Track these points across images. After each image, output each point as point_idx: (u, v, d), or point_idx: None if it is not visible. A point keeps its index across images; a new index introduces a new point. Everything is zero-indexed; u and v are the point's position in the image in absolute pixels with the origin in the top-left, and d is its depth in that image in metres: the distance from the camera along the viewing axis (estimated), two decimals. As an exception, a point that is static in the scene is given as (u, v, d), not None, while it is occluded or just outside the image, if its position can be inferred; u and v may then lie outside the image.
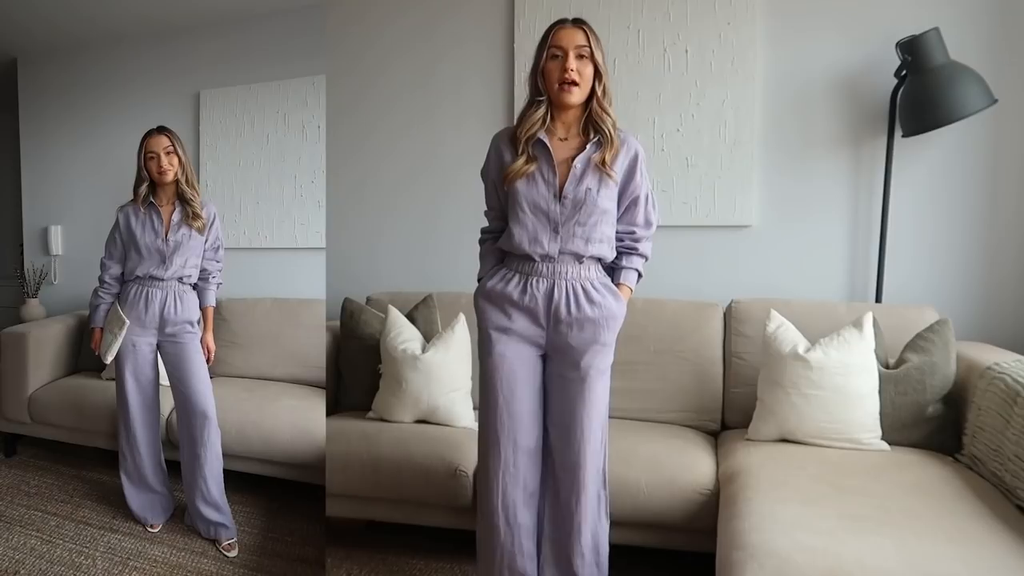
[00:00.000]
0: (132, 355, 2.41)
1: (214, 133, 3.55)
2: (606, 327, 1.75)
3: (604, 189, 1.73)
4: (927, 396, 2.12)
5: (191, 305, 2.45)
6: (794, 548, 1.43)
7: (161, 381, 2.51)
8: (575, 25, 1.72)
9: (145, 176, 2.41)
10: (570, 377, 1.75)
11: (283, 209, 3.46)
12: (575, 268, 1.74)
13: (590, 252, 1.74)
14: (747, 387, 2.42)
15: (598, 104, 1.73)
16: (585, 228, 1.72)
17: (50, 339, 3.17)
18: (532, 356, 1.79)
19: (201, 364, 2.43)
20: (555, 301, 1.73)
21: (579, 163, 1.72)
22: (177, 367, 2.41)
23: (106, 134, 3.76)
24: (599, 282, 1.77)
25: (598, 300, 1.75)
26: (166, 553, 2.32)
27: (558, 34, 1.71)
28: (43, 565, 2.22)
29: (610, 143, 1.72)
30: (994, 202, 2.55)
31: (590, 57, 1.71)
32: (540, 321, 1.75)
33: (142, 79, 3.68)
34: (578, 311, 1.73)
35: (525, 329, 1.76)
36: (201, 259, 2.49)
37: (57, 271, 3.96)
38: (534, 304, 1.74)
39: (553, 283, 1.74)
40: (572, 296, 1.73)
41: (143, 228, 2.40)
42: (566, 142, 1.76)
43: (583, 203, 1.70)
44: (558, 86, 1.69)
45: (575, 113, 1.76)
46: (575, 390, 1.74)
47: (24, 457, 3.14)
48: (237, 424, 2.61)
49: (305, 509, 2.60)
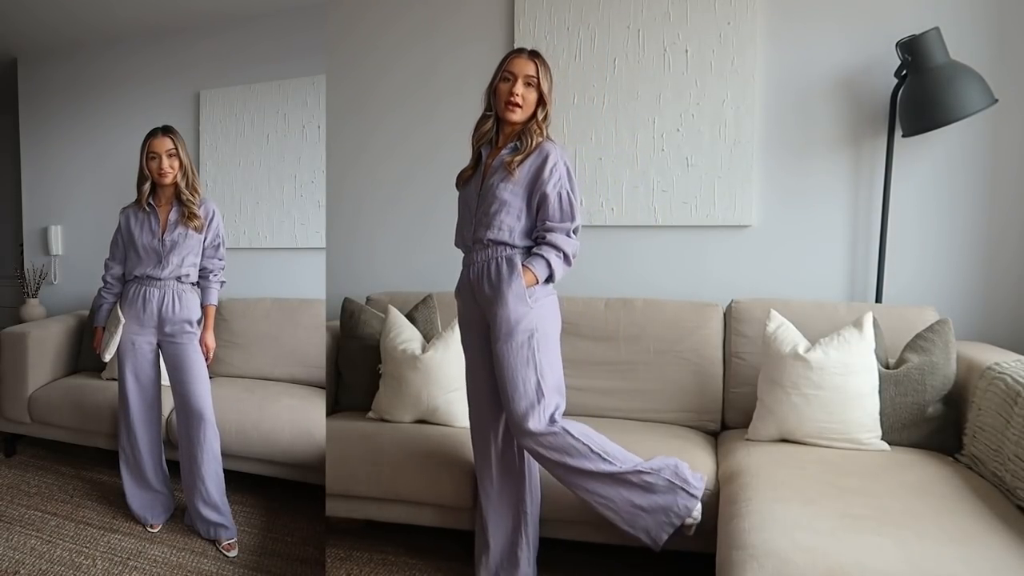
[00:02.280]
0: (132, 354, 2.42)
1: (214, 133, 3.55)
2: (503, 298, 1.91)
3: (505, 183, 1.94)
4: (927, 396, 2.12)
5: (190, 304, 2.45)
6: (794, 548, 1.43)
7: (163, 381, 2.51)
8: (530, 56, 1.97)
9: (147, 175, 2.42)
10: (496, 345, 1.92)
11: (283, 209, 3.46)
12: (484, 252, 1.97)
13: (492, 236, 1.94)
14: (747, 387, 2.42)
15: (535, 123, 1.97)
16: (488, 216, 1.95)
17: (50, 339, 3.17)
18: (482, 341, 2.01)
19: (200, 365, 2.43)
20: (475, 281, 1.98)
21: (495, 163, 1.98)
22: (175, 367, 2.41)
23: (106, 134, 3.77)
24: (504, 256, 1.95)
25: (496, 271, 1.94)
26: (166, 553, 2.33)
27: (513, 62, 1.96)
28: (43, 565, 2.22)
29: (524, 149, 1.94)
30: (994, 202, 2.54)
31: (536, 86, 1.95)
32: (472, 304, 2.01)
33: (142, 79, 3.68)
34: (489, 286, 1.94)
35: (469, 315, 2.03)
36: (200, 257, 2.49)
37: (57, 271, 3.96)
38: (469, 291, 2.01)
39: (474, 267, 1.99)
40: (485, 275, 1.96)
41: (141, 229, 2.42)
42: (501, 149, 2.00)
43: (488, 194, 1.96)
44: (504, 105, 1.94)
45: (517, 129, 1.99)
46: (500, 352, 1.91)
47: (24, 457, 3.14)
48: (237, 424, 2.61)
49: (305, 509, 2.60)
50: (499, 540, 2.05)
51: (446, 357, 2.47)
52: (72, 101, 3.86)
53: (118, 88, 3.74)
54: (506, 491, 2.04)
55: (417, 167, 3.15)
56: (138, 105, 3.64)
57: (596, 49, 2.88)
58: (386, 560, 2.30)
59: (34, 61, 3.96)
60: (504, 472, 2.04)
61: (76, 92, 3.85)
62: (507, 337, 1.89)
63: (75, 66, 3.85)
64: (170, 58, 3.63)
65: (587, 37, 2.89)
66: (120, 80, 3.74)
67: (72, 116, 3.87)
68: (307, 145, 3.40)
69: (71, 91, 3.87)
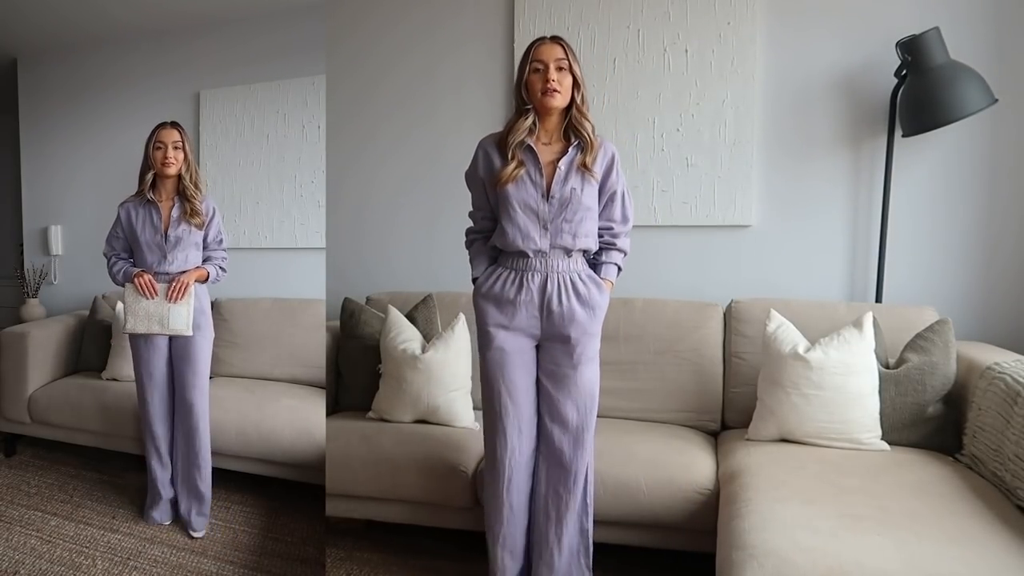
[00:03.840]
0: (145, 348, 2.45)
1: (214, 133, 3.55)
2: (593, 316, 1.91)
3: (587, 187, 1.88)
4: (927, 396, 2.12)
5: (198, 295, 2.47)
6: (794, 548, 1.43)
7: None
8: (553, 41, 1.88)
9: (151, 165, 2.43)
10: (563, 364, 1.90)
11: (283, 209, 3.46)
12: (565, 262, 1.90)
13: (578, 246, 1.89)
14: (747, 387, 2.42)
15: (578, 111, 1.89)
16: (572, 224, 1.87)
17: (50, 339, 3.17)
18: (528, 347, 1.94)
19: (202, 359, 2.46)
20: (548, 293, 1.88)
21: (563, 165, 1.88)
22: (179, 357, 2.45)
23: (106, 134, 3.77)
24: (586, 274, 1.93)
25: (584, 292, 1.90)
26: (166, 553, 2.33)
27: (539, 49, 1.87)
28: (43, 565, 2.22)
29: (590, 146, 1.88)
30: (994, 202, 2.54)
31: (568, 69, 1.86)
32: (535, 312, 1.90)
33: (142, 79, 3.68)
34: (568, 302, 1.88)
35: (522, 322, 1.90)
36: (203, 252, 2.52)
37: (57, 271, 3.96)
38: (529, 298, 1.89)
39: (546, 276, 1.89)
40: (563, 288, 1.89)
41: (143, 224, 2.43)
42: (549, 146, 1.91)
43: (569, 201, 1.87)
44: (541, 95, 1.84)
45: (556, 120, 1.91)
46: (569, 377, 1.89)
47: (24, 457, 3.14)
48: (237, 424, 2.61)
49: (305, 509, 2.60)
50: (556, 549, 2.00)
51: (446, 357, 2.47)
52: (72, 101, 3.86)
53: (118, 88, 3.74)
54: (526, 495, 2.00)
55: (417, 167, 3.15)
56: (138, 105, 3.63)
57: (596, 49, 2.88)
58: (386, 560, 2.30)
59: (34, 61, 3.96)
60: (526, 478, 1.99)
61: (76, 92, 3.85)
62: (590, 360, 1.91)
63: (75, 66, 3.85)
64: (170, 58, 3.63)
65: (587, 37, 2.89)
66: (120, 80, 3.74)
67: (72, 116, 3.87)
68: (307, 145, 3.40)
69: (71, 91, 3.87)
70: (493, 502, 1.96)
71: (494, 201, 1.94)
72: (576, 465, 1.91)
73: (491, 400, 1.94)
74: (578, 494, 1.92)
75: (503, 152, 1.89)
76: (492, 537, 1.98)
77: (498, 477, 1.94)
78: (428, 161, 3.13)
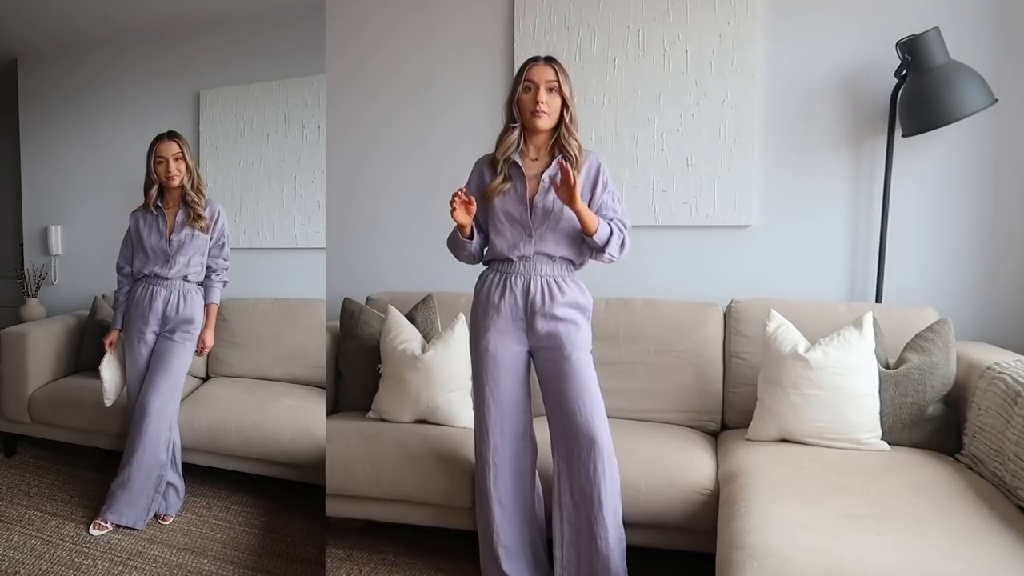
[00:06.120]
0: (143, 349, 2.50)
1: (214, 133, 3.55)
2: (578, 311, 1.98)
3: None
4: (927, 396, 2.12)
5: (194, 304, 2.56)
6: (794, 548, 1.43)
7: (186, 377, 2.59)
8: (546, 63, 1.96)
9: (155, 179, 2.51)
10: (557, 360, 1.95)
11: (283, 209, 3.46)
12: (548, 266, 1.99)
13: (560, 253, 1.98)
14: (747, 387, 2.42)
15: (565, 130, 1.97)
16: (555, 233, 1.97)
17: (50, 339, 3.17)
18: (517, 351, 2.00)
19: (179, 364, 2.51)
20: (531, 294, 1.97)
21: (546, 177, 1.96)
22: (158, 357, 2.50)
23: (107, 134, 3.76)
24: (570, 278, 2.01)
25: (568, 291, 1.98)
26: (166, 553, 2.32)
27: (531, 70, 1.95)
28: (43, 565, 2.22)
29: (575, 162, 1.95)
30: (994, 202, 2.54)
31: (558, 90, 1.93)
32: (520, 315, 1.97)
33: (142, 79, 3.68)
34: (551, 300, 1.96)
35: (508, 324, 1.98)
36: (206, 257, 2.60)
37: (57, 271, 3.96)
38: (513, 300, 1.97)
39: (529, 279, 1.98)
40: (546, 288, 1.97)
41: (149, 230, 2.53)
42: (536, 161, 2.01)
43: (551, 211, 1.95)
44: (530, 114, 1.93)
45: (544, 137, 2.00)
46: (566, 370, 1.93)
47: (24, 457, 3.14)
48: (237, 424, 2.62)
49: (305, 509, 2.60)
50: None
51: (446, 357, 2.47)
52: (72, 101, 3.86)
53: (118, 88, 3.74)
54: (520, 495, 2.03)
55: (418, 167, 3.15)
56: (138, 105, 3.63)
57: (596, 49, 2.88)
58: (386, 560, 2.30)
59: (34, 61, 3.96)
60: (516, 474, 2.02)
61: (76, 92, 3.85)
62: (580, 349, 1.95)
63: (75, 66, 3.85)
64: (170, 58, 3.63)
65: (587, 37, 2.89)
66: (120, 80, 3.74)
67: (72, 116, 3.86)
68: (307, 145, 3.40)
69: (71, 91, 3.86)
70: (481, 500, 2.02)
71: (483, 217, 2.05)
72: (597, 448, 1.87)
73: (478, 401, 2.03)
74: (604, 473, 1.87)
75: (494, 168, 2.01)
76: (482, 531, 2.03)
77: (484, 475, 2.00)
78: (429, 161, 3.13)
